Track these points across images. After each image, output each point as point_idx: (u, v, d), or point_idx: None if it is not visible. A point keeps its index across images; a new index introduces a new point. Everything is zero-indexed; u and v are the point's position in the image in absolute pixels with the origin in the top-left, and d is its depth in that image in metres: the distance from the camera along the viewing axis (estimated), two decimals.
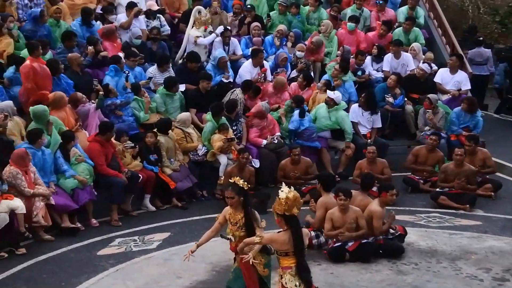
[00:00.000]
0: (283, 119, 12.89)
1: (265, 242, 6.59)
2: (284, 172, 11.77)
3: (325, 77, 13.83)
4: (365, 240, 9.20)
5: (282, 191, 6.41)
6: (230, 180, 7.21)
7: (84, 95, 11.50)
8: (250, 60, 13.73)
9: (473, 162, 11.94)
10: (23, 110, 11.08)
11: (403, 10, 16.05)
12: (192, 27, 13.87)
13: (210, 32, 13.78)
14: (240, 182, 6.98)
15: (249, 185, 7.15)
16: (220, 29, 13.94)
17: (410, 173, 12.43)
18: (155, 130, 11.55)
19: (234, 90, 12.97)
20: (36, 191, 9.71)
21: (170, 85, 12.39)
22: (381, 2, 15.92)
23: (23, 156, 9.68)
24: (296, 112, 12.65)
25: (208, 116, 12.12)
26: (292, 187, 6.52)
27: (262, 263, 6.87)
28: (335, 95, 12.92)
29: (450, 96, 14.10)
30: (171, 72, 13.10)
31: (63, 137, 10.49)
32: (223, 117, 12.14)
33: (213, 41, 13.88)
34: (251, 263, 6.67)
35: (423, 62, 14.58)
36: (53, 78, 11.45)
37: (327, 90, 13.09)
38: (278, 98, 13.37)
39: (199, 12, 13.90)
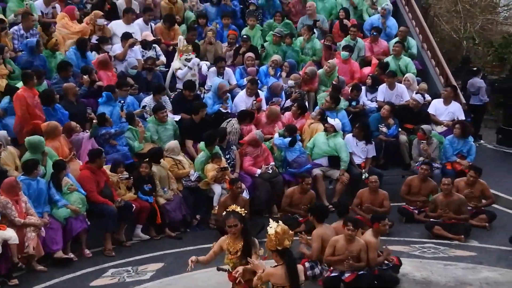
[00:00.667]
0: (275, 149, 12.91)
1: (265, 279, 6.59)
2: (291, 200, 11.76)
3: (317, 107, 13.89)
4: (362, 272, 9.16)
5: (270, 227, 6.43)
6: (227, 209, 7.19)
7: (78, 125, 11.52)
8: (244, 90, 13.80)
9: (473, 193, 11.99)
10: (17, 141, 11.07)
11: (397, 41, 16.12)
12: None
13: (187, 60, 13.69)
14: (239, 209, 6.98)
15: (246, 212, 7.14)
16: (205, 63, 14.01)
17: (404, 203, 12.42)
18: (147, 159, 11.55)
19: (230, 120, 13.00)
20: (27, 221, 9.66)
21: (157, 112, 12.41)
22: (374, 33, 16.05)
23: (13, 185, 9.66)
24: (287, 139, 12.64)
25: (201, 145, 12.13)
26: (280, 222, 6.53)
27: None
28: (335, 122, 13.00)
29: (444, 127, 14.13)
30: (167, 102, 13.10)
31: (54, 166, 10.48)
32: (216, 146, 12.16)
33: (200, 69, 13.93)
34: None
35: (417, 93, 14.66)
36: (48, 109, 11.48)
37: (328, 118, 13.14)
38: (272, 127, 13.39)
39: (179, 40, 14.00)
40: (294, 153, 12.66)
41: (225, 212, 7.29)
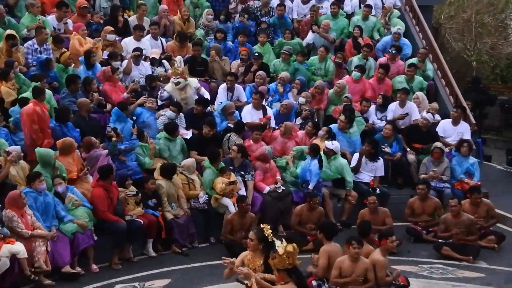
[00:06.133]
0: (290, 164, 12.87)
1: None
2: (300, 218, 11.76)
3: (331, 126, 13.86)
4: None
5: (278, 246, 6.42)
6: (257, 227, 7.23)
7: (97, 140, 11.59)
8: (251, 104, 13.85)
9: (477, 213, 11.94)
10: (26, 156, 11.09)
11: (413, 62, 16.06)
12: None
13: (175, 83, 13.50)
14: (268, 231, 6.98)
15: (273, 239, 7.08)
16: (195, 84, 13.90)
17: (412, 223, 12.37)
18: (156, 174, 11.56)
19: (230, 136, 13.02)
20: (35, 232, 9.70)
21: (171, 131, 12.43)
22: (394, 52, 16.03)
23: (16, 198, 9.70)
24: (313, 162, 12.55)
25: (206, 163, 12.16)
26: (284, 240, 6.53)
27: None
28: (334, 145, 12.95)
29: (451, 148, 14.09)
30: (182, 118, 13.15)
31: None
32: (221, 162, 12.16)
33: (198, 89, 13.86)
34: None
35: (427, 112, 14.65)
36: (61, 125, 11.55)
37: (325, 141, 13.09)
38: (285, 144, 13.38)
39: (176, 61, 14.01)
40: (315, 177, 12.54)
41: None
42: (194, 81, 13.91)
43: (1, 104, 11.84)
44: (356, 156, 13.35)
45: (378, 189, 12.85)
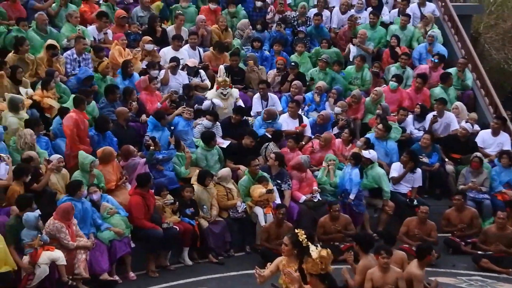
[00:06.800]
0: (331, 174, 12.82)
1: None
2: (324, 229, 11.71)
3: (367, 135, 13.80)
4: None
5: (312, 251, 6.40)
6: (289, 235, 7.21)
7: (136, 149, 11.70)
8: (287, 112, 13.88)
9: None
10: (66, 164, 11.22)
11: (452, 72, 15.88)
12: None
13: (223, 94, 13.63)
14: (303, 236, 6.98)
15: (308, 244, 7.08)
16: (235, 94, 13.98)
17: (451, 235, 12.23)
18: (193, 180, 11.63)
19: (268, 145, 13.04)
20: (79, 243, 9.83)
21: (207, 140, 12.46)
22: (436, 61, 15.88)
23: (69, 211, 9.83)
24: (355, 171, 12.51)
25: (246, 170, 12.21)
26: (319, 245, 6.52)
27: None
28: (371, 154, 12.88)
29: (491, 159, 13.89)
30: (218, 127, 13.19)
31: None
32: (260, 171, 12.18)
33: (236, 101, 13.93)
34: None
35: (466, 122, 14.49)
36: (99, 135, 11.71)
37: (363, 150, 13.03)
38: (323, 154, 13.34)
39: (220, 70, 14.05)
40: (356, 186, 12.48)
41: None
42: (235, 91, 14.04)
43: (42, 112, 12.03)
44: (394, 165, 13.23)
45: (415, 200, 12.74)
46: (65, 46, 13.75)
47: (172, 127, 12.58)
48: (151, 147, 11.68)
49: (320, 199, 12.49)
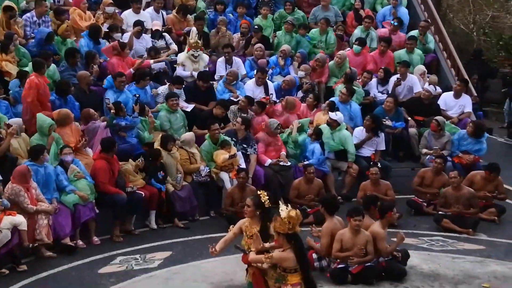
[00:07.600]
0: (294, 131, 12.84)
1: (275, 261, 6.62)
2: (298, 191, 11.76)
3: (332, 98, 13.81)
4: (369, 263, 9.15)
5: (282, 210, 6.45)
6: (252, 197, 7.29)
7: (95, 112, 11.56)
8: (253, 79, 13.78)
9: (487, 188, 11.99)
10: (26, 129, 11.06)
11: (413, 35, 15.92)
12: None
13: (194, 56, 13.59)
14: (265, 197, 7.02)
15: (269, 205, 7.11)
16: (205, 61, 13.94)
17: (413, 196, 12.39)
18: (156, 145, 11.58)
19: (234, 108, 13.02)
20: (39, 207, 9.72)
21: (168, 99, 12.35)
22: (396, 23, 15.90)
23: (25, 173, 9.68)
24: (317, 146, 12.60)
25: (207, 135, 12.18)
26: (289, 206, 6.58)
27: (273, 278, 6.88)
28: (337, 116, 12.92)
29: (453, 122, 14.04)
30: (181, 93, 13.05)
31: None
32: (221, 135, 12.16)
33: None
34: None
35: (429, 85, 14.59)
36: (60, 99, 11.52)
37: (329, 112, 13.06)
38: (287, 118, 13.34)
39: (192, 32, 13.91)
40: (317, 159, 12.52)
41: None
42: (205, 57, 13.95)
43: (1, 76, 11.77)
44: (356, 131, 13.27)
45: (379, 163, 12.85)
46: (23, 8, 13.43)
47: (138, 95, 12.38)
48: (111, 111, 11.54)
49: (287, 162, 12.50)
